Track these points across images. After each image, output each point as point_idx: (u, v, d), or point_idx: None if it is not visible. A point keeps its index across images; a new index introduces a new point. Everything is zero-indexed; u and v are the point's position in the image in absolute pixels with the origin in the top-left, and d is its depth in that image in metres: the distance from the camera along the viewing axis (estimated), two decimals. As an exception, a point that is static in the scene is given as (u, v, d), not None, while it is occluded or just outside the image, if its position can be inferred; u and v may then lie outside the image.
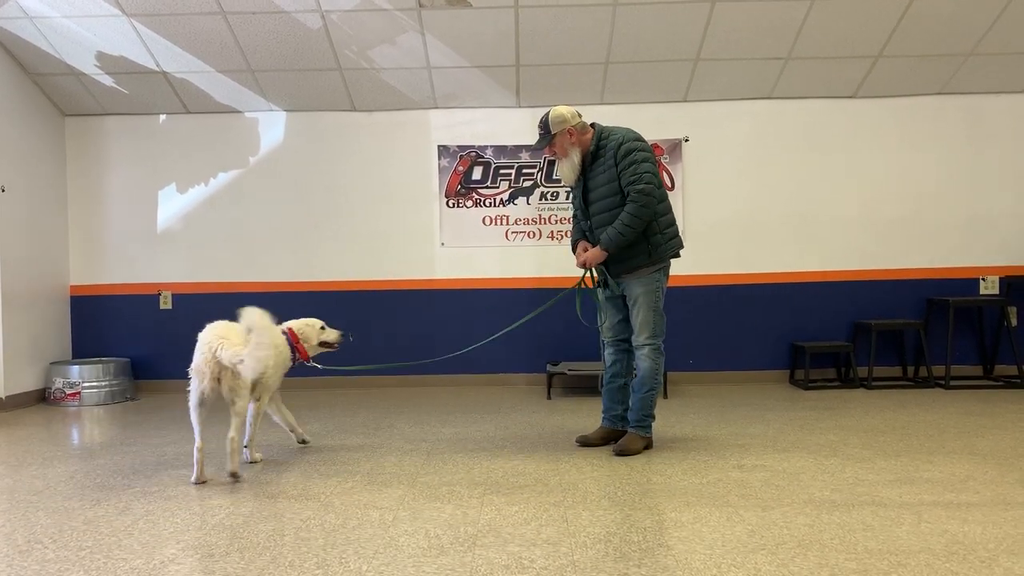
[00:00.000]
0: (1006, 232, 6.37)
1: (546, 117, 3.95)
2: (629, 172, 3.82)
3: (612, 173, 3.88)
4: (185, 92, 6.25)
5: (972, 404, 5.26)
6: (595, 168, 3.97)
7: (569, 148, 3.95)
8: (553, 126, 3.93)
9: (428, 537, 2.73)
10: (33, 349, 6.04)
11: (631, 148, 3.85)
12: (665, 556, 2.51)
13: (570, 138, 3.94)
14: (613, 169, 3.87)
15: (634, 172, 3.80)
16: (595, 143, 3.95)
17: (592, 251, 3.97)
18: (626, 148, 3.85)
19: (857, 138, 6.39)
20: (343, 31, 5.61)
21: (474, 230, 6.44)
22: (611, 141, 3.91)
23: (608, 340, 4.16)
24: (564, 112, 3.94)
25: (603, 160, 3.93)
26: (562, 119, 3.93)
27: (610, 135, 3.94)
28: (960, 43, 5.81)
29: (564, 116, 3.93)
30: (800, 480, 3.40)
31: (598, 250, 3.93)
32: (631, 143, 3.87)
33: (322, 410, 5.45)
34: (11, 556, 2.63)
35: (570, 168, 3.98)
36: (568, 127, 3.92)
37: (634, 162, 3.82)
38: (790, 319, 6.40)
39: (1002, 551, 2.51)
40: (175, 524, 2.93)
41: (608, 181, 3.90)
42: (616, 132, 3.95)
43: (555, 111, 3.95)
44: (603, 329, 4.18)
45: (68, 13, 5.45)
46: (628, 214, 3.81)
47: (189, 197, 6.52)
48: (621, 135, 3.91)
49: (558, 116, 3.93)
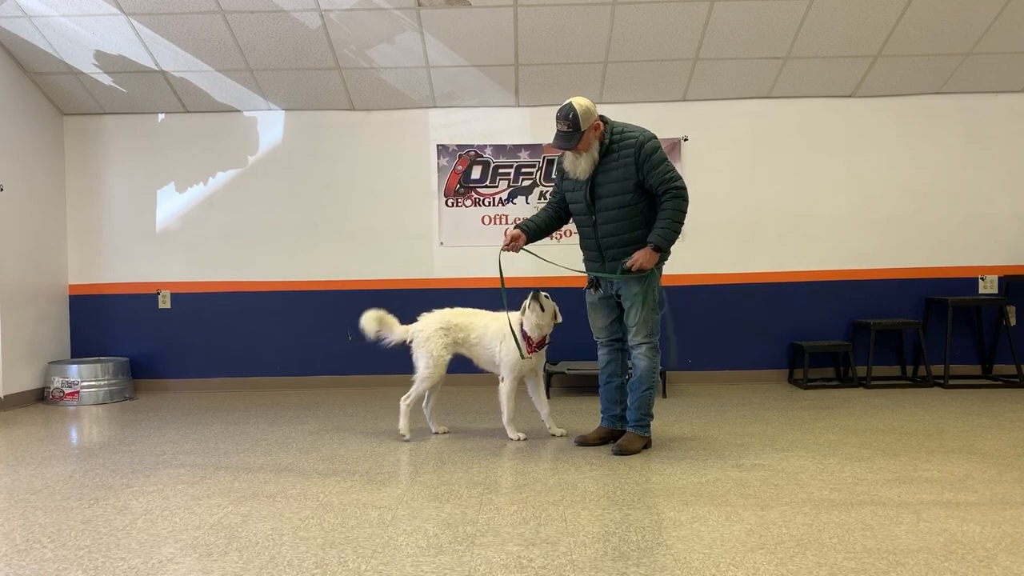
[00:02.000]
0: (1005, 231, 6.37)
1: (573, 112, 3.72)
2: (660, 171, 3.77)
3: (628, 171, 3.80)
4: (184, 91, 6.24)
5: (971, 403, 5.26)
6: (606, 164, 3.85)
7: (593, 142, 3.83)
8: (583, 122, 3.73)
9: (427, 536, 2.73)
10: (31, 348, 6.03)
11: (655, 147, 3.80)
12: (664, 555, 2.51)
13: (595, 132, 3.82)
14: (631, 167, 3.79)
15: (667, 171, 3.78)
16: (608, 137, 3.84)
17: (644, 253, 3.80)
18: (651, 146, 3.79)
19: (856, 137, 6.39)
20: (342, 30, 5.61)
21: (473, 229, 6.44)
22: (627, 138, 3.82)
23: (602, 341, 4.14)
24: (589, 105, 3.77)
25: (616, 156, 3.82)
26: (589, 113, 3.75)
27: (624, 132, 3.85)
28: (959, 43, 5.81)
29: (591, 110, 3.76)
30: (799, 479, 3.40)
31: (650, 251, 3.79)
32: (653, 141, 3.82)
33: (321, 409, 5.45)
34: (9, 555, 2.62)
35: (589, 163, 3.85)
36: (594, 120, 3.79)
37: (662, 160, 3.79)
38: (789, 318, 6.41)
39: (1001, 550, 2.51)
40: (173, 523, 2.93)
41: (623, 179, 3.81)
42: (631, 130, 3.86)
43: (582, 105, 3.73)
44: (595, 330, 4.16)
45: (66, 12, 5.44)
46: (675, 210, 3.78)
47: (188, 196, 6.52)
48: (639, 134, 3.83)
49: (586, 111, 3.74)
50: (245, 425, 4.92)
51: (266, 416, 5.24)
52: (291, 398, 6.01)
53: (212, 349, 6.51)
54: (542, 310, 4.16)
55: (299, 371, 6.52)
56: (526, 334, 4.19)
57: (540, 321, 4.18)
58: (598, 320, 4.11)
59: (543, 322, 4.20)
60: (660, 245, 3.80)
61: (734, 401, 5.50)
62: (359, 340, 6.50)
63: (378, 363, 6.47)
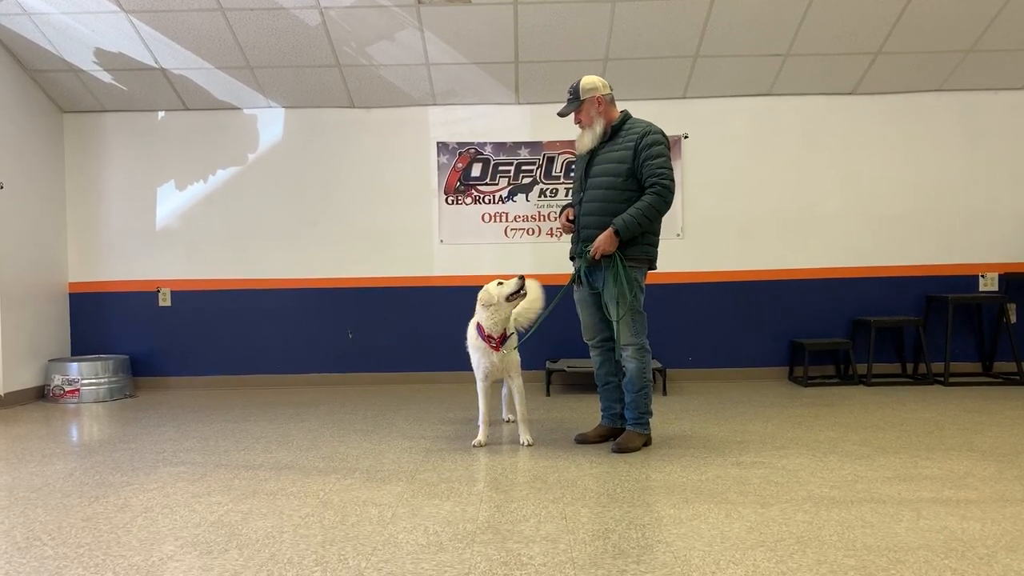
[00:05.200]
0: (1005, 229, 6.37)
1: (577, 84, 3.91)
2: (655, 164, 3.78)
3: (625, 155, 3.84)
4: (184, 89, 6.24)
5: (971, 401, 5.26)
6: (609, 145, 3.93)
7: (595, 117, 3.92)
8: (583, 92, 3.89)
9: (427, 534, 2.73)
10: (32, 346, 6.04)
11: (658, 140, 3.83)
12: (664, 553, 2.51)
13: (597, 107, 3.91)
14: (629, 153, 3.83)
15: (660, 166, 3.79)
16: (620, 121, 3.94)
17: (604, 236, 3.78)
18: (652, 139, 3.82)
19: (856, 135, 6.39)
20: (342, 27, 5.60)
21: (473, 227, 6.44)
22: (636, 126, 3.90)
23: (592, 343, 4.11)
24: (596, 80, 3.92)
25: (621, 141, 3.89)
26: (593, 87, 3.90)
27: (636, 122, 3.95)
28: (959, 40, 5.81)
29: (596, 84, 3.91)
30: (799, 477, 3.40)
31: (610, 234, 3.77)
32: (658, 135, 3.86)
33: (321, 407, 5.45)
34: (10, 553, 2.62)
35: (591, 137, 3.93)
36: (598, 95, 3.90)
37: (660, 155, 3.80)
38: (789, 316, 6.41)
39: (1001, 547, 2.51)
40: (174, 521, 2.93)
41: (618, 161, 3.85)
42: (643, 122, 3.95)
43: (587, 78, 3.92)
44: (584, 329, 4.12)
45: (66, 9, 5.44)
46: (648, 204, 3.77)
47: (188, 194, 6.52)
48: (647, 125, 3.91)
49: (589, 83, 3.90)
50: (245, 423, 4.92)
51: (266, 414, 5.24)
52: (291, 396, 6.01)
53: (212, 347, 6.52)
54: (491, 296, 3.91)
55: (299, 369, 6.52)
56: (483, 332, 4.00)
57: (494, 316, 3.94)
58: (585, 316, 4.09)
59: (497, 315, 3.94)
60: (619, 229, 3.75)
61: (734, 399, 5.50)
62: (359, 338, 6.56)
63: (378, 361, 6.48)
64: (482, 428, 4.15)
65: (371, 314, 6.48)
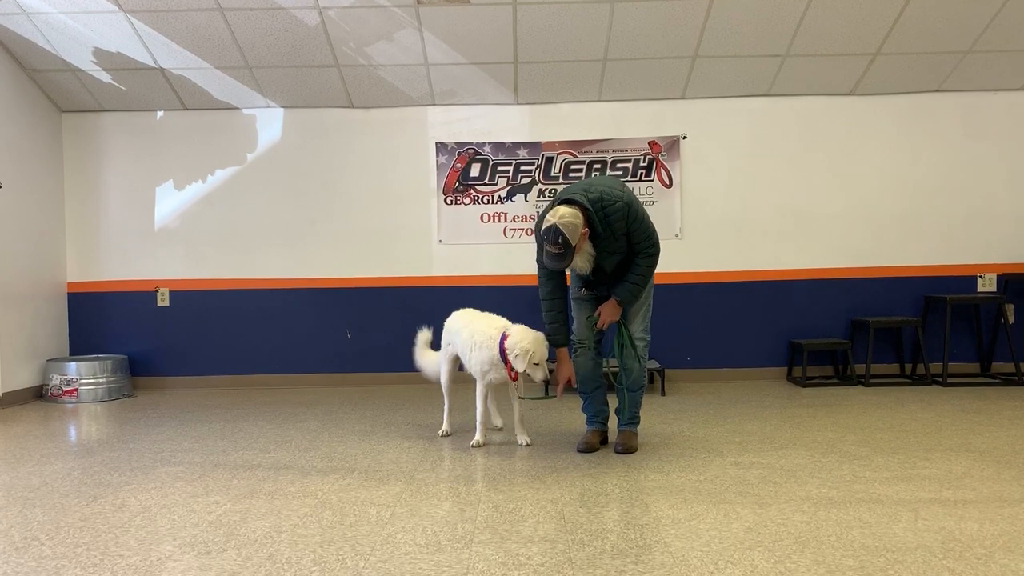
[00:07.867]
0: (1004, 229, 6.38)
1: (562, 236, 3.56)
2: (642, 231, 3.79)
3: (621, 238, 3.79)
4: (182, 88, 6.23)
5: (969, 401, 5.27)
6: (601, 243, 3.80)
7: (584, 243, 3.76)
8: (573, 239, 3.60)
9: (425, 534, 2.73)
10: (30, 346, 6.03)
11: (635, 209, 3.76)
12: (662, 553, 2.51)
13: (584, 236, 3.72)
14: (622, 230, 3.76)
15: (646, 231, 3.80)
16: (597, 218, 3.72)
17: (609, 307, 3.91)
18: (634, 213, 3.75)
19: (855, 135, 6.39)
20: (341, 27, 5.60)
21: (472, 227, 6.44)
22: (612, 209, 3.70)
23: (584, 345, 4.04)
24: (573, 220, 3.60)
25: (609, 232, 3.76)
26: (576, 229, 3.60)
27: (604, 202, 3.71)
28: (958, 40, 5.81)
29: (576, 224, 3.60)
30: (797, 477, 3.40)
31: (614, 304, 3.90)
32: (635, 205, 3.77)
33: (320, 407, 5.45)
34: (8, 553, 2.62)
35: (586, 259, 3.81)
36: (582, 231, 3.67)
37: (642, 220, 3.79)
38: (787, 316, 6.41)
39: (999, 548, 2.52)
40: (172, 521, 2.93)
41: (619, 239, 3.80)
42: (610, 195, 3.72)
43: (567, 225, 3.57)
44: (577, 327, 4.06)
45: (65, 9, 5.43)
46: (648, 268, 3.85)
47: (186, 194, 6.51)
48: (619, 196, 3.72)
49: (573, 229, 3.59)
50: (243, 423, 4.92)
51: (264, 414, 5.24)
52: (290, 396, 6.01)
53: (211, 347, 6.51)
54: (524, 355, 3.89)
55: (298, 369, 6.52)
56: (506, 355, 3.96)
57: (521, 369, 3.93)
58: (582, 314, 4.06)
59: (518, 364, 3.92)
60: (623, 300, 3.89)
61: (732, 399, 5.50)
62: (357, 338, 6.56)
63: (377, 361, 6.48)
64: (480, 428, 4.17)
65: (370, 314, 6.48)
